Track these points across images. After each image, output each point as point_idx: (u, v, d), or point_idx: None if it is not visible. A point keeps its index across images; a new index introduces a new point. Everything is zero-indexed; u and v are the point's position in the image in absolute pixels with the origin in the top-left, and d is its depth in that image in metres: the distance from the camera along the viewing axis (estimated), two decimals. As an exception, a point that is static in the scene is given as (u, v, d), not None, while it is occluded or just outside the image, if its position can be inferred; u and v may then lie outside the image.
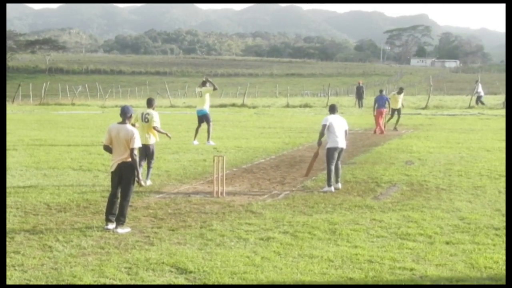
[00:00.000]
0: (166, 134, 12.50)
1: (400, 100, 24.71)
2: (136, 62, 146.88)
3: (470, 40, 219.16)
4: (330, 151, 11.85)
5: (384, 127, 23.25)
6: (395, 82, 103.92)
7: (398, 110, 24.43)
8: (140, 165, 11.13)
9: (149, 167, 12.22)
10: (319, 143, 12.27)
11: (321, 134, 12.09)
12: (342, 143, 11.93)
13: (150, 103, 12.45)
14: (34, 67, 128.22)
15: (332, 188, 11.57)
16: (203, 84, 19.07)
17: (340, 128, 11.90)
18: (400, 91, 25.38)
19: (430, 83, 46.96)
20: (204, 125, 19.01)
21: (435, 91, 57.91)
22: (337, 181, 11.87)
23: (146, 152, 11.98)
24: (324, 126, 11.92)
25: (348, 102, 45.00)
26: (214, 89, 19.05)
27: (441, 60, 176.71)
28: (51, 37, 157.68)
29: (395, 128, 23.95)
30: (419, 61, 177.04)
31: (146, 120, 12.06)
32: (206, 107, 18.84)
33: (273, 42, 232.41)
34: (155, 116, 12.13)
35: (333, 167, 11.73)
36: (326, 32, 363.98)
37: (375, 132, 22.97)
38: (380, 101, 23.48)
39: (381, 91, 24.86)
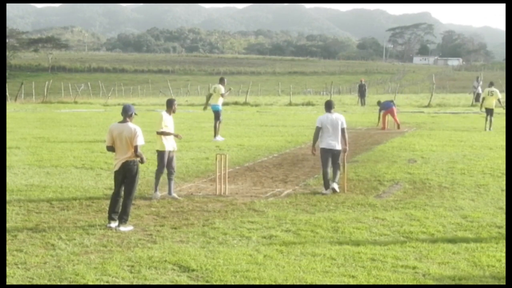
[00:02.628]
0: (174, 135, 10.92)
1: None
2: (138, 60, 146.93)
3: (472, 38, 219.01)
4: (322, 152, 11.19)
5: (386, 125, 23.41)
6: (398, 80, 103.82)
7: (492, 110, 22.72)
8: (157, 177, 10.74)
9: (155, 178, 10.86)
10: (314, 149, 11.47)
11: (315, 137, 11.27)
12: (335, 144, 11.10)
13: (168, 104, 10.94)
14: (37, 65, 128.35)
15: (329, 191, 10.98)
16: (221, 81, 19.62)
17: (333, 128, 11.08)
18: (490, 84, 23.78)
19: (433, 81, 46.87)
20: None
21: (437, 89, 57.86)
22: (333, 180, 11.15)
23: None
24: (317, 129, 11.16)
25: (351, 100, 44.98)
26: (221, 94, 19.47)
27: (444, 58, 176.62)
28: (54, 36, 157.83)
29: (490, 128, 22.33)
30: (421, 59, 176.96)
31: None
32: (219, 103, 19.39)
33: (275, 41, 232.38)
34: (164, 119, 10.68)
35: (328, 169, 11.09)
36: (328, 30, 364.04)
37: (398, 127, 23.07)
38: (386, 105, 23.61)
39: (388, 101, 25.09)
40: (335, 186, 11.08)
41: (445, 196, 10.91)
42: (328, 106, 11.37)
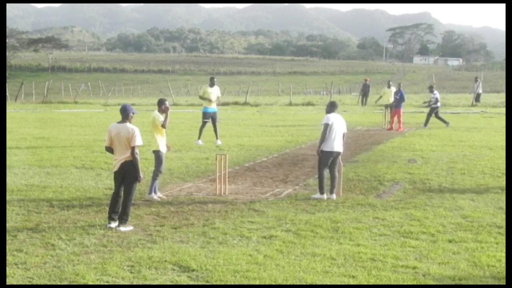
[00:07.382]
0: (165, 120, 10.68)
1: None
2: (138, 60, 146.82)
3: (472, 38, 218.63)
4: (324, 155, 10.62)
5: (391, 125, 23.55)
6: (398, 80, 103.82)
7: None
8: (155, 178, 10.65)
9: (153, 178, 10.61)
10: (320, 151, 10.68)
11: (324, 136, 10.57)
12: (338, 147, 10.67)
13: (158, 104, 10.87)
14: (37, 65, 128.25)
15: (324, 196, 10.53)
16: (212, 82, 18.21)
17: (339, 130, 10.67)
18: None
19: (433, 81, 46.85)
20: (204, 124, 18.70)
21: (437, 89, 57.69)
22: (331, 191, 10.68)
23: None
24: (326, 126, 10.58)
25: (351, 100, 44.94)
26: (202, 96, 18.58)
27: (444, 58, 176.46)
28: (54, 36, 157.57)
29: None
30: (421, 59, 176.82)
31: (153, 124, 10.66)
32: (207, 105, 18.26)
33: (275, 41, 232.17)
34: (156, 117, 10.57)
35: (325, 173, 10.62)
36: (328, 30, 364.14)
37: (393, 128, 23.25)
38: (400, 101, 23.64)
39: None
40: (333, 197, 10.63)
41: (445, 196, 10.91)
42: (334, 106, 10.93)
